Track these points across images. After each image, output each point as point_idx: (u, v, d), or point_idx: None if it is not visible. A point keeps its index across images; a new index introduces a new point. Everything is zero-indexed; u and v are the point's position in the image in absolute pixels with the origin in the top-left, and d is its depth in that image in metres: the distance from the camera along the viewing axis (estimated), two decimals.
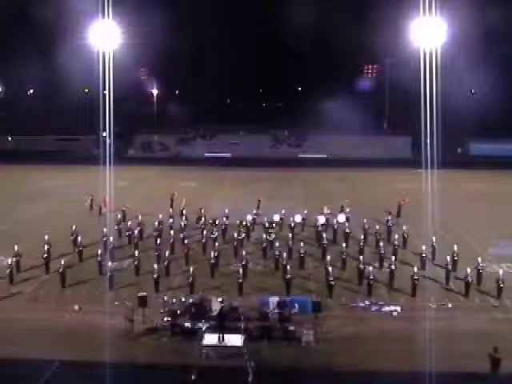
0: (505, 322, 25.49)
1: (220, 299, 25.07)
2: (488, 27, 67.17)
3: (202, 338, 23.36)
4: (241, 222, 36.43)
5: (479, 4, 65.14)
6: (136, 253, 31.19)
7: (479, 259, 29.39)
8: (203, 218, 37.33)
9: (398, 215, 40.81)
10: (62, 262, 29.24)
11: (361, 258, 30.35)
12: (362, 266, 29.46)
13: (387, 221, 36.95)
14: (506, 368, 20.91)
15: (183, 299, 25.45)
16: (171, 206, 41.19)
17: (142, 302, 25.22)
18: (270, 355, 22.58)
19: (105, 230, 33.60)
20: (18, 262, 30.52)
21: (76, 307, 26.56)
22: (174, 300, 25.34)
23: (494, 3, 65.95)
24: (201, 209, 38.96)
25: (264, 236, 34.33)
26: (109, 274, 28.69)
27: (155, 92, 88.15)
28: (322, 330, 24.27)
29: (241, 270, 28.71)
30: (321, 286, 28.73)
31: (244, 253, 30.93)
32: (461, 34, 52.57)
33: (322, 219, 37.10)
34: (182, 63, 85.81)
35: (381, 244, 32.66)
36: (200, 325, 24.07)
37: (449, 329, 24.62)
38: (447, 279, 29.36)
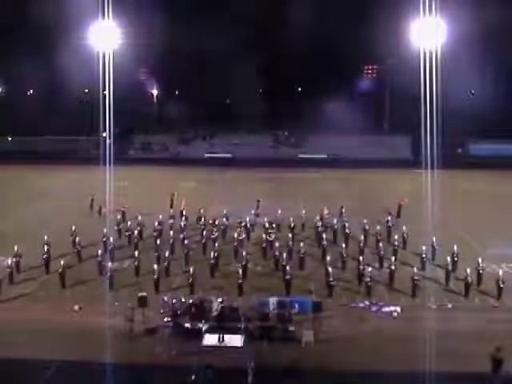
0: (505, 322, 25.48)
1: (220, 300, 25.09)
2: (488, 27, 67.11)
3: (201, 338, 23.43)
4: (240, 223, 36.46)
5: (479, 4, 65.08)
6: (136, 253, 31.21)
7: (479, 259, 29.39)
8: (203, 219, 37.33)
9: (398, 215, 40.82)
10: (62, 263, 29.25)
11: (361, 258, 30.36)
12: (361, 267, 29.46)
13: (387, 221, 36.95)
14: (507, 368, 20.89)
15: (183, 299, 25.47)
16: (171, 207, 41.21)
17: (142, 302, 25.23)
18: (270, 355, 22.58)
19: (105, 230, 33.62)
20: (17, 263, 30.54)
21: (76, 307, 26.57)
22: (173, 300, 25.35)
23: (494, 3, 65.89)
24: (200, 209, 38.96)
25: (264, 236, 34.34)
26: (109, 275, 28.73)
27: (155, 92, 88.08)
28: (322, 330, 24.28)
29: (240, 271, 28.73)
30: (321, 286, 28.74)
31: (244, 253, 30.95)
32: (461, 34, 52.55)
33: (326, 220, 37.29)
34: (182, 63, 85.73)
35: (380, 244, 32.68)
36: (200, 325, 24.10)
37: (448, 329, 24.60)
38: (447, 279, 29.36)
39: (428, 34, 37.30)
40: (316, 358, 22.54)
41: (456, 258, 30.49)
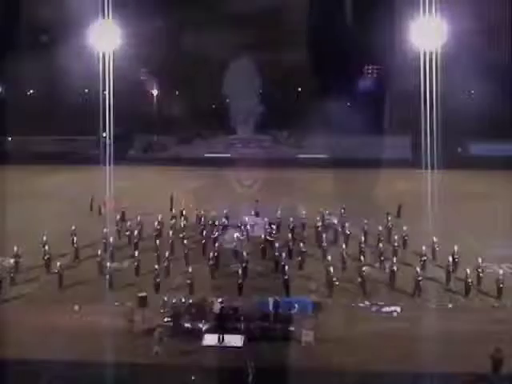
0: (505, 322, 25.48)
1: (220, 300, 25.09)
2: (489, 27, 67.15)
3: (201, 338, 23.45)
4: (240, 223, 36.46)
5: (480, 3, 65.09)
6: (136, 253, 31.21)
7: (479, 260, 29.39)
8: (203, 219, 37.33)
9: (398, 215, 40.79)
10: (59, 264, 29.27)
11: (361, 258, 30.36)
12: (362, 267, 29.46)
13: (387, 221, 36.93)
14: (507, 368, 20.89)
15: (183, 299, 25.47)
16: (171, 207, 41.19)
17: (142, 302, 25.23)
18: (270, 355, 22.57)
19: (105, 230, 33.62)
20: (17, 263, 30.54)
21: (76, 307, 26.57)
22: (173, 300, 25.36)
23: (494, 2, 65.91)
24: (200, 209, 38.95)
25: (263, 236, 34.33)
26: (109, 275, 28.73)
27: (155, 92, 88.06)
28: (321, 330, 24.27)
29: (240, 271, 28.72)
30: (321, 286, 28.74)
31: (244, 253, 30.94)
32: (461, 33, 52.56)
33: (326, 220, 37.33)
34: (182, 63, 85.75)
35: (381, 245, 32.67)
36: (200, 325, 24.11)
37: (448, 329, 24.61)
38: (447, 280, 29.36)
39: (428, 34, 37.28)
40: (316, 358, 22.54)
41: (456, 258, 30.48)
